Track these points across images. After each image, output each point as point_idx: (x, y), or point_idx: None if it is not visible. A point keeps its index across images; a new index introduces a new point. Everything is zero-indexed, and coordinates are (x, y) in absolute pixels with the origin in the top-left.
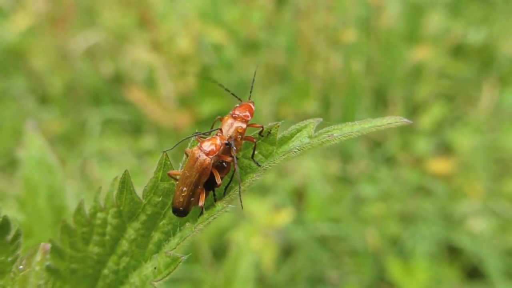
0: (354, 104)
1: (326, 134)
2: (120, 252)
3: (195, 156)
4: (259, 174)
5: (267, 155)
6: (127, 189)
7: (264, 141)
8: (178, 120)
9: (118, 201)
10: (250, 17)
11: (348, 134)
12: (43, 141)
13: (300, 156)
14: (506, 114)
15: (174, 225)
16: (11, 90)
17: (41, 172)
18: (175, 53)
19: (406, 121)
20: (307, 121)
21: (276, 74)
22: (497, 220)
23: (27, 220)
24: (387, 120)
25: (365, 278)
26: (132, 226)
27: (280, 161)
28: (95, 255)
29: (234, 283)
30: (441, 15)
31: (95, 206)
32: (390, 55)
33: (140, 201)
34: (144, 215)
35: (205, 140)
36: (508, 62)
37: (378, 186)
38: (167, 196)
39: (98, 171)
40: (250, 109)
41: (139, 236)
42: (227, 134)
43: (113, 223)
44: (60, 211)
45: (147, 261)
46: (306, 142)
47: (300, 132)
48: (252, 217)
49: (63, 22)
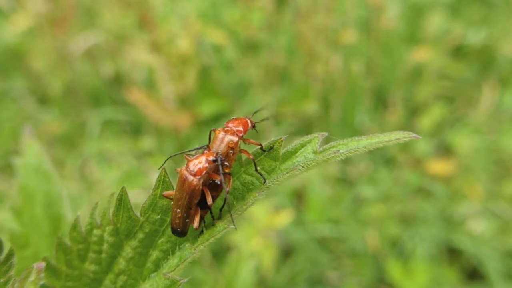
0: (354, 105)
1: (331, 150)
2: (117, 270)
3: (183, 178)
4: (261, 193)
5: (269, 171)
6: (124, 206)
7: (267, 156)
8: (178, 121)
9: (115, 219)
10: (250, 18)
11: (354, 150)
12: (40, 147)
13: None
14: (506, 115)
15: (173, 243)
16: (11, 91)
17: (37, 179)
18: (175, 54)
19: (415, 136)
20: (311, 135)
21: (276, 75)
22: (497, 222)
23: (23, 230)
24: (395, 135)
25: (365, 280)
26: (130, 244)
27: (284, 179)
28: (91, 273)
29: (235, 287)
30: (441, 16)
31: (91, 222)
32: (390, 56)
33: (137, 218)
34: (141, 233)
35: (192, 159)
36: (508, 64)
37: (378, 188)
38: (165, 213)
39: (98, 172)
40: (245, 124)
41: (136, 254)
42: (217, 150)
43: (110, 240)
44: (57, 220)
45: (145, 281)
46: (311, 158)
47: (305, 147)
48: (252, 218)
49: (63, 23)
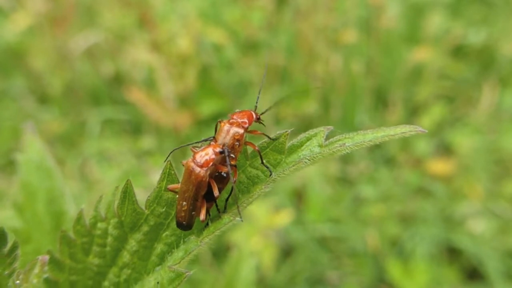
0: (354, 105)
1: (337, 144)
2: (121, 263)
3: (189, 169)
4: (267, 185)
5: (275, 164)
6: (129, 199)
7: (272, 149)
8: (178, 121)
9: (120, 211)
10: (250, 18)
11: (360, 144)
12: (41, 143)
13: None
14: (506, 115)
15: (178, 236)
16: (11, 90)
17: (39, 176)
18: (175, 54)
19: (421, 130)
20: (317, 129)
21: (276, 75)
22: (497, 221)
23: (25, 226)
24: (400, 129)
25: (365, 279)
26: (134, 237)
27: (289, 172)
28: (95, 267)
29: (236, 286)
30: (441, 16)
31: (95, 216)
32: (390, 56)
33: (142, 211)
34: (146, 226)
35: (199, 151)
36: (508, 63)
37: (378, 187)
38: (170, 206)
39: (98, 171)
40: (250, 116)
41: (141, 247)
42: (223, 142)
43: (114, 233)
44: (59, 217)
45: (149, 274)
46: (316, 152)
47: (310, 141)
48: (252, 218)
49: (63, 22)
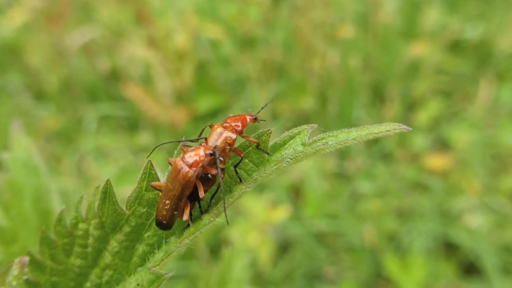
0: (351, 100)
1: (320, 142)
2: (103, 265)
3: (177, 168)
4: (248, 185)
5: (258, 163)
6: (109, 199)
7: (255, 148)
8: (174, 117)
9: (100, 212)
10: (247, 13)
11: (344, 142)
12: (29, 141)
13: (292, 165)
14: (503, 110)
15: (160, 237)
16: (7, 87)
17: (26, 174)
18: (172, 50)
19: (405, 128)
20: (300, 127)
21: (273, 70)
22: (494, 216)
23: (11, 225)
24: (385, 127)
25: (362, 274)
26: (115, 238)
27: (271, 172)
28: (76, 268)
29: (228, 283)
30: (438, 11)
31: (76, 216)
32: (387, 51)
33: (123, 212)
34: (127, 226)
35: (189, 150)
36: (506, 58)
37: (375, 182)
38: (152, 206)
39: (95, 167)
40: (244, 121)
41: (122, 248)
42: (214, 144)
43: (95, 234)
44: (46, 215)
45: (131, 275)
46: (299, 150)
47: (294, 139)
48: (249, 214)
49: (59, 18)
